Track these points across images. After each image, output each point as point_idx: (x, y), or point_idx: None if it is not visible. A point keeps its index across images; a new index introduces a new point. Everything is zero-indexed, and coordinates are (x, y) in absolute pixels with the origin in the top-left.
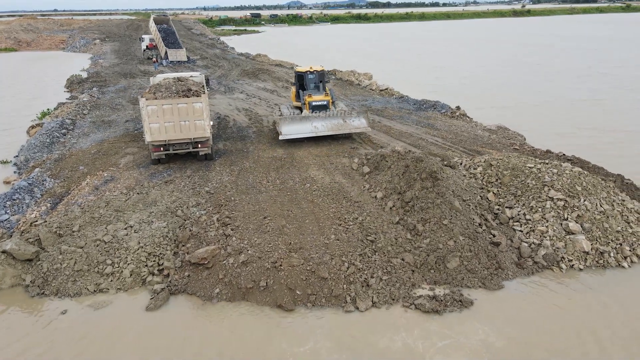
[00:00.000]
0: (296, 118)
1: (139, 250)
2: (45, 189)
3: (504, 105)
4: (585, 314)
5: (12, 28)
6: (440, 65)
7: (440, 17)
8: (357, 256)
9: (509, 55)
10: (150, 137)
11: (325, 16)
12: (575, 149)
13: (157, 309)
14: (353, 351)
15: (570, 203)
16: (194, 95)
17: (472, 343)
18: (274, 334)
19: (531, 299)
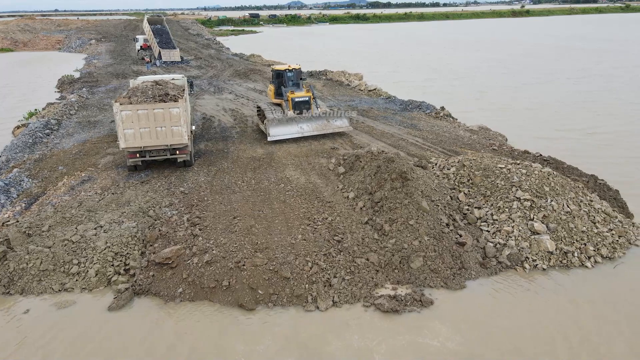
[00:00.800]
0: (283, 120)
1: (105, 250)
2: (22, 189)
3: (493, 106)
4: (543, 314)
5: (9, 28)
6: (433, 66)
7: (439, 17)
8: (321, 256)
9: (503, 55)
10: (124, 143)
11: (324, 16)
12: (555, 150)
13: (120, 309)
14: (305, 350)
15: (537, 203)
16: (171, 100)
17: (426, 343)
18: (230, 333)
19: (490, 298)
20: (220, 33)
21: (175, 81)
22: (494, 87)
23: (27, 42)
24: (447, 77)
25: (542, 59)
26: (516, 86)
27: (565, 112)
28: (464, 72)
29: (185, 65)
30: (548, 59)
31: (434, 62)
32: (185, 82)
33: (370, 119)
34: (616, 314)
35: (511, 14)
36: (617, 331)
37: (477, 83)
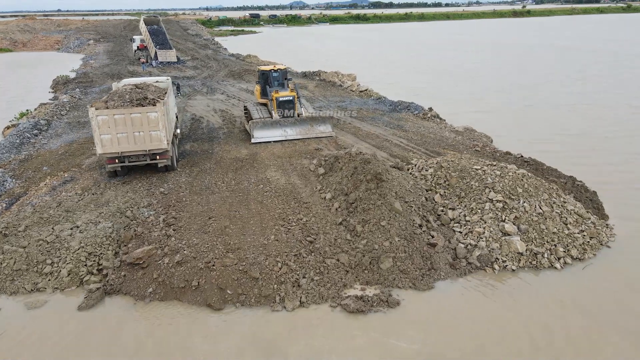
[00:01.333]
0: (267, 123)
1: (79, 250)
2: (4, 190)
3: (485, 108)
4: (509, 315)
5: (9, 29)
6: (431, 67)
7: (439, 17)
8: (292, 257)
9: (500, 57)
10: (101, 149)
11: (324, 17)
12: (539, 152)
13: (90, 309)
14: (267, 350)
15: (509, 204)
16: (150, 104)
17: (389, 343)
18: (196, 333)
19: (458, 299)
20: (220, 33)
21: (159, 84)
22: (490, 89)
23: (26, 42)
24: (443, 79)
25: (542, 60)
26: (512, 88)
27: (557, 114)
28: (462, 74)
29: (181, 65)
30: (547, 59)
31: (432, 63)
32: (170, 84)
33: (358, 119)
34: (582, 315)
35: (512, 14)
36: (583, 332)
37: (473, 85)
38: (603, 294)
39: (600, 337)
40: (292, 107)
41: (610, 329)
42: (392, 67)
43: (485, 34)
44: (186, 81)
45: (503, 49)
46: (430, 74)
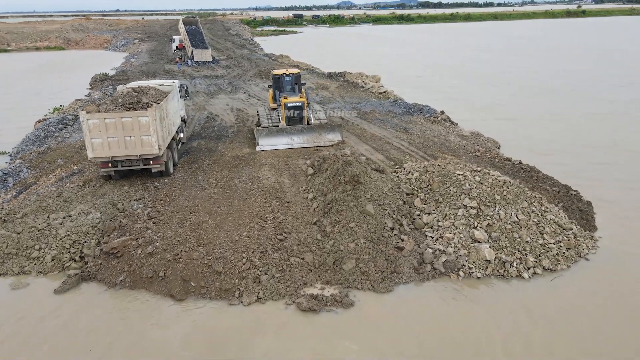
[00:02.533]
0: (273, 130)
1: (65, 237)
2: (18, 179)
3: (510, 115)
4: (459, 321)
5: (64, 28)
6: (462, 70)
7: (487, 17)
8: (258, 253)
9: (540, 60)
10: (92, 153)
11: (367, 17)
12: (546, 162)
13: (65, 292)
14: (210, 340)
15: (484, 211)
16: (142, 108)
17: (331, 342)
18: (150, 320)
19: (413, 303)
20: (261, 33)
21: (163, 87)
22: (525, 95)
23: (78, 41)
24: (474, 82)
25: (583, 65)
26: (548, 93)
27: (581, 122)
28: (495, 77)
29: (215, 65)
30: (588, 65)
31: (466, 66)
32: (176, 87)
33: (367, 121)
34: (532, 327)
35: (565, 14)
36: (528, 343)
37: (506, 90)
38: (562, 307)
39: (544, 349)
40: (300, 113)
41: (556, 342)
42: (430, 70)
43: (557, 36)
44: (214, 80)
45: (577, 52)
46: (460, 77)
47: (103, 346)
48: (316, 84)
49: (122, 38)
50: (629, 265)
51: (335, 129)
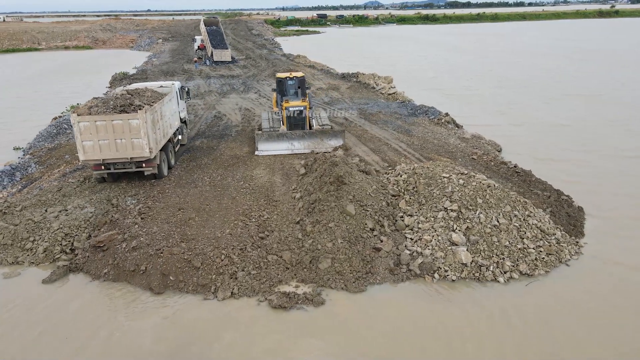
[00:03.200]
0: (273, 135)
1: (57, 230)
2: (26, 174)
3: (522, 118)
4: (426, 322)
5: (92, 28)
6: (483, 73)
7: (515, 18)
8: (237, 250)
9: (561, 63)
10: (83, 155)
11: (392, 17)
12: (545, 166)
13: (52, 283)
14: (178, 332)
15: (464, 215)
16: (133, 111)
17: (297, 339)
18: (124, 311)
19: (383, 304)
20: (284, 33)
21: (163, 89)
22: (538, 99)
23: (106, 40)
24: (490, 85)
25: (605, 69)
26: (571, 98)
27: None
28: (513, 80)
29: (233, 65)
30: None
31: (483, 68)
32: (175, 89)
33: (370, 122)
34: (498, 331)
35: (597, 14)
36: (489, 347)
37: (525, 95)
38: (532, 312)
39: (513, 353)
40: (302, 118)
41: (523, 345)
42: (446, 72)
43: (586, 37)
44: (229, 79)
45: (565, 53)
46: (476, 80)
47: (78, 336)
48: (328, 85)
49: (147, 38)
50: (609, 273)
51: (337, 135)
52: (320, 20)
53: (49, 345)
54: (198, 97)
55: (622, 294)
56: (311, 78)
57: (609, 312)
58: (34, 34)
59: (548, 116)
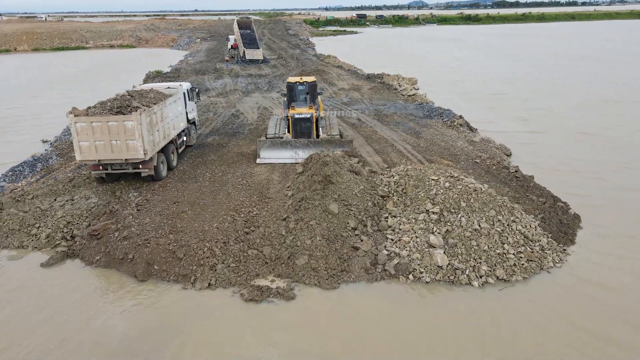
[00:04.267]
0: (277, 142)
1: (60, 218)
2: (46, 165)
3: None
4: (390, 322)
5: (137, 27)
6: (514, 77)
7: (563, 18)
8: (220, 244)
9: (605, 67)
10: (80, 156)
11: (432, 17)
12: (552, 176)
13: (50, 267)
14: (150, 316)
15: (445, 217)
16: (128, 113)
17: (263, 331)
18: (105, 295)
19: (353, 301)
20: (321, 33)
21: (170, 90)
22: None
23: (148, 39)
24: (522, 90)
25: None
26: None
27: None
28: (559, 87)
29: (263, 64)
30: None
31: (518, 72)
32: (182, 91)
33: (382, 123)
34: (459, 334)
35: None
36: (446, 349)
37: (560, 100)
38: (496, 318)
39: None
40: (309, 126)
41: (486, 349)
42: (478, 75)
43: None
44: (256, 79)
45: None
46: (514, 85)
47: (61, 316)
48: (351, 85)
49: (186, 37)
50: (588, 282)
51: (344, 145)
52: (359, 21)
53: (33, 321)
54: (222, 95)
55: (581, 312)
56: (336, 78)
57: (575, 322)
58: (82, 33)
59: (576, 124)
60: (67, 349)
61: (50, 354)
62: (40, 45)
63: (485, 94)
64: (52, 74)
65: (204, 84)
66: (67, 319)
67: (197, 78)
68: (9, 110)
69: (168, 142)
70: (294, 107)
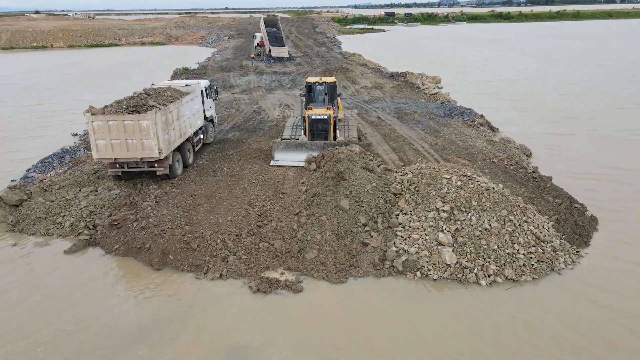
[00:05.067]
0: (291, 144)
1: (84, 208)
2: (74, 157)
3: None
4: (394, 318)
5: (168, 25)
6: (545, 78)
7: (599, 16)
8: (233, 236)
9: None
10: (96, 154)
11: (462, 15)
12: (571, 179)
13: (72, 253)
14: (163, 303)
15: (456, 216)
16: (144, 112)
17: (269, 322)
18: (122, 282)
19: (359, 295)
20: (349, 31)
21: (187, 87)
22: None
23: (178, 37)
24: (558, 93)
25: None
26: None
27: None
28: (593, 89)
29: (288, 62)
30: None
31: (549, 73)
32: (198, 89)
33: (401, 121)
34: (457, 333)
35: None
36: (441, 348)
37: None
38: (500, 317)
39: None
40: (326, 127)
41: (485, 349)
42: (505, 75)
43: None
44: (280, 76)
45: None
46: (544, 86)
47: (79, 300)
48: (373, 83)
49: (215, 35)
50: (599, 286)
51: (361, 148)
52: (387, 19)
53: (53, 304)
54: (245, 92)
55: (587, 316)
56: (359, 76)
57: (580, 325)
58: (115, 31)
59: (607, 128)
60: (81, 331)
61: (65, 336)
62: (75, 42)
63: (513, 95)
64: (85, 70)
65: (229, 80)
66: (85, 303)
67: (223, 75)
68: (44, 105)
69: (184, 140)
70: (311, 108)
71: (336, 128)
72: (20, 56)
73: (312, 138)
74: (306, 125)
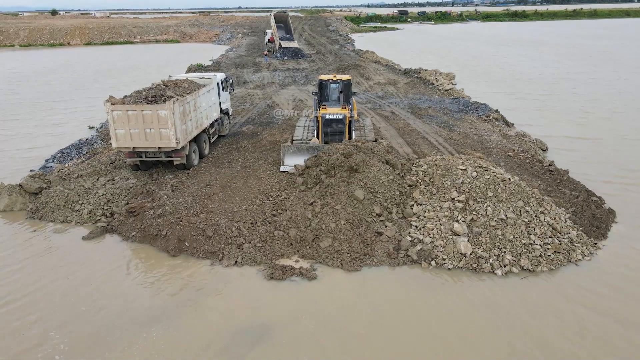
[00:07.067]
0: (302, 148)
1: (101, 196)
2: (91, 148)
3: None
4: (405, 307)
5: (182, 23)
6: (564, 77)
7: (617, 14)
8: (248, 224)
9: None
10: (115, 143)
11: (476, 14)
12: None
13: (90, 240)
14: (180, 288)
15: (471, 206)
16: (162, 102)
17: (277, 306)
18: (136, 266)
19: (372, 284)
20: (361, 30)
21: (204, 80)
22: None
23: (192, 35)
24: (571, 92)
25: None
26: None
27: None
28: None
29: (302, 59)
30: None
31: (570, 72)
32: (215, 81)
33: (415, 116)
34: (467, 322)
35: None
36: (449, 340)
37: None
38: (515, 307)
39: (481, 343)
40: (340, 128)
41: (496, 338)
42: (520, 73)
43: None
44: (293, 72)
45: None
46: (559, 84)
47: (96, 285)
48: (387, 80)
49: (228, 33)
50: (615, 277)
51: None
52: (400, 17)
53: (72, 288)
54: (259, 87)
55: (603, 306)
56: (373, 73)
57: (591, 317)
58: (130, 29)
59: (632, 131)
60: (97, 312)
61: (81, 317)
62: (91, 40)
63: (534, 95)
64: (102, 68)
65: (243, 76)
66: (101, 286)
67: (237, 71)
68: (64, 101)
69: (201, 131)
70: (324, 107)
71: (352, 129)
72: (37, 53)
73: (326, 140)
74: (319, 126)
